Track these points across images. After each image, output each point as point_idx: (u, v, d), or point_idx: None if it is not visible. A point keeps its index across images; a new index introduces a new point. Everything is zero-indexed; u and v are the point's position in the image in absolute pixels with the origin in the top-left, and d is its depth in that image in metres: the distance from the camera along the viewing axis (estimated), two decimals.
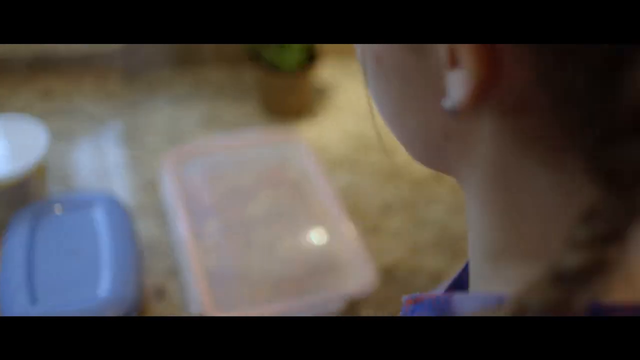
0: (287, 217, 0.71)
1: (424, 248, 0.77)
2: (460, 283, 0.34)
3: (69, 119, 0.92)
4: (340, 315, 0.63)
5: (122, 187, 0.82)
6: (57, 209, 0.67)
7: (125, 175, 0.84)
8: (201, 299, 0.60)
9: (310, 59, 0.92)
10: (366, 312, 0.69)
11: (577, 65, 0.19)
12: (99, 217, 0.67)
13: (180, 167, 0.75)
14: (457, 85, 0.22)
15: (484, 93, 0.21)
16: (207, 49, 1.05)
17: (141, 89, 1.00)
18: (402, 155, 0.91)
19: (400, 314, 0.32)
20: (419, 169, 0.89)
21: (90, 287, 0.60)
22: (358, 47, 0.29)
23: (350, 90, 1.05)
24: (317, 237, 0.69)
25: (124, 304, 0.59)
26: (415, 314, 0.28)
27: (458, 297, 0.26)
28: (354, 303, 0.68)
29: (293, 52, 0.87)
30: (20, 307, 0.57)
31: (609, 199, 0.20)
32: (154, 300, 0.69)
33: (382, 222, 0.80)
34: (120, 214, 0.68)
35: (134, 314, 0.60)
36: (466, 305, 0.25)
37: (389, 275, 0.72)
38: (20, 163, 0.68)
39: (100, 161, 0.86)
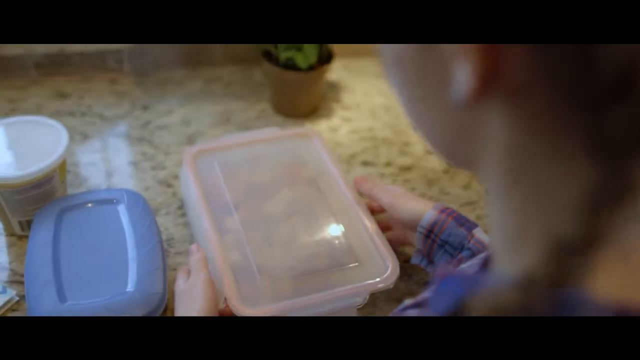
0: (306, 212, 0.71)
1: None
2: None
3: (81, 119, 0.93)
4: (360, 308, 0.63)
5: (136, 185, 0.82)
6: (80, 206, 0.68)
7: (139, 174, 0.84)
8: (227, 294, 0.61)
9: (326, 58, 0.93)
10: (388, 305, 0.70)
11: (563, 49, 0.21)
12: (122, 213, 0.68)
13: (199, 165, 0.75)
14: (463, 78, 0.24)
15: (487, 85, 0.23)
16: (217, 49, 1.06)
17: (152, 89, 1.01)
18: (413, 152, 0.93)
19: (430, 288, 0.33)
20: (431, 165, 0.90)
21: (118, 283, 0.60)
22: (380, 49, 0.31)
23: (358, 90, 1.06)
24: (337, 231, 0.69)
25: (152, 299, 0.59)
26: (446, 288, 0.30)
27: (482, 276, 0.28)
28: (375, 296, 0.69)
29: (311, 51, 0.88)
30: (49, 304, 0.57)
31: (605, 175, 0.21)
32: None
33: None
34: (142, 210, 0.68)
35: (162, 309, 0.60)
36: (487, 282, 0.26)
37: (408, 268, 0.72)
38: (43, 162, 0.68)
39: (113, 160, 0.86)
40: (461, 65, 0.24)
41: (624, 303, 0.22)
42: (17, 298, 0.66)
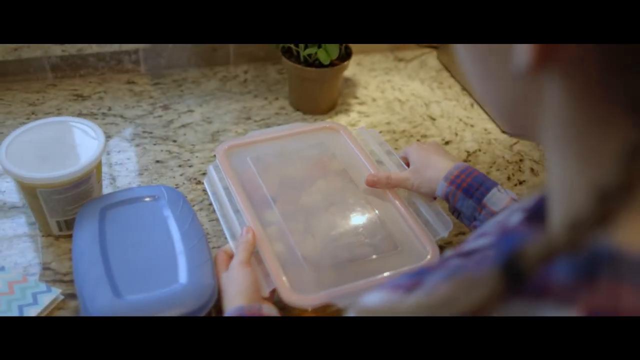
0: (343, 203, 0.73)
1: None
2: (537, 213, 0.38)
3: (103, 120, 0.93)
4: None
5: (166, 183, 0.83)
6: (122, 204, 0.69)
7: (167, 172, 0.85)
8: (276, 284, 0.62)
9: (345, 55, 0.95)
10: None
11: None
12: (164, 209, 0.69)
13: (232, 161, 0.77)
14: (523, 52, 0.27)
15: (545, 57, 0.26)
16: (230, 48, 1.07)
17: (170, 89, 1.01)
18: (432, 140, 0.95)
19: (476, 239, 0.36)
20: (449, 152, 0.93)
21: (170, 276, 0.61)
22: None
23: (372, 85, 1.08)
24: (374, 219, 0.71)
25: (205, 291, 0.60)
26: (505, 242, 0.32)
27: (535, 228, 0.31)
28: None
29: (332, 47, 0.89)
30: (104, 300, 0.58)
31: None
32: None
33: None
34: (184, 205, 0.69)
35: (214, 300, 0.61)
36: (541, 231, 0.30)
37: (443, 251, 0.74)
38: (81, 161, 0.69)
39: (140, 160, 0.87)
40: None
41: None
42: (62, 297, 0.67)
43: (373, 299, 0.40)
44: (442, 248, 0.74)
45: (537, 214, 0.37)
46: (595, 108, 0.27)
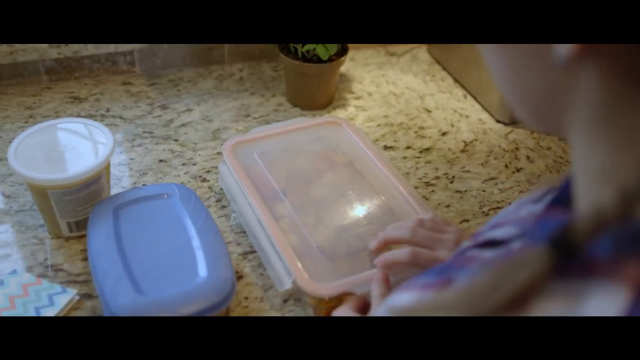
0: (352, 194, 0.74)
1: (473, 216, 0.82)
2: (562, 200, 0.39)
3: (102, 122, 0.93)
4: None
5: (172, 182, 0.83)
6: (134, 202, 0.69)
7: (171, 171, 0.85)
8: (295, 274, 0.63)
9: (342, 50, 0.96)
10: None
11: None
12: (177, 206, 0.69)
13: (239, 156, 0.77)
14: (563, 45, 0.28)
15: (584, 49, 0.27)
16: (224, 47, 1.07)
17: (166, 89, 1.01)
18: (429, 134, 0.97)
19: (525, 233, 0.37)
20: (448, 146, 0.95)
21: (189, 271, 0.62)
22: None
23: (367, 80, 1.09)
24: (384, 208, 0.73)
25: (225, 284, 0.61)
26: (538, 230, 0.33)
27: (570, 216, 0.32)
28: None
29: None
30: (126, 298, 0.58)
31: None
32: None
33: (429, 196, 0.85)
34: (196, 202, 0.70)
35: (234, 292, 0.62)
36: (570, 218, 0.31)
37: None
38: (93, 161, 0.69)
39: (143, 160, 0.87)
40: None
41: None
42: (77, 297, 0.67)
43: (404, 299, 0.40)
44: None
45: (561, 201, 0.38)
46: (629, 95, 0.28)
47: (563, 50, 0.28)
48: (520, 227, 0.41)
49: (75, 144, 0.71)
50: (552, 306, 0.28)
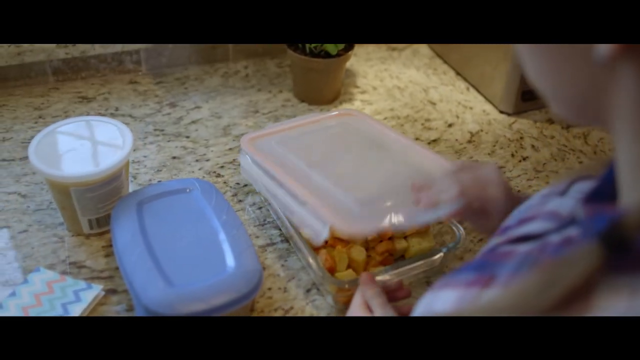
0: (378, 166, 0.74)
1: None
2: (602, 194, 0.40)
3: None
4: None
5: (184, 177, 0.84)
6: (156, 197, 0.70)
7: (186, 167, 0.86)
8: (331, 222, 0.63)
9: (349, 45, 0.97)
10: (453, 263, 0.75)
11: None
12: (199, 200, 0.70)
13: (258, 148, 0.77)
14: (603, 46, 0.29)
15: (623, 48, 0.29)
16: (229, 45, 1.08)
17: (173, 87, 1.02)
18: (435, 126, 0.99)
19: (579, 225, 0.38)
20: (454, 137, 0.97)
21: (217, 263, 0.63)
22: None
23: (370, 74, 1.11)
24: (412, 170, 0.74)
25: (254, 275, 0.62)
26: (595, 223, 0.34)
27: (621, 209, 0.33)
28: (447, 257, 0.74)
29: None
30: (157, 290, 0.59)
31: None
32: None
33: None
34: (217, 196, 0.71)
35: (261, 283, 0.63)
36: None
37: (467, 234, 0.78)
38: (114, 158, 0.69)
39: (157, 157, 0.87)
40: None
41: None
42: (103, 293, 0.67)
43: (446, 298, 0.40)
44: None
45: (601, 194, 0.39)
46: None
47: (603, 50, 0.29)
48: (553, 222, 0.41)
49: (94, 142, 0.72)
50: (619, 302, 0.29)
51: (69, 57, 0.97)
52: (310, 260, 0.67)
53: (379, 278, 0.65)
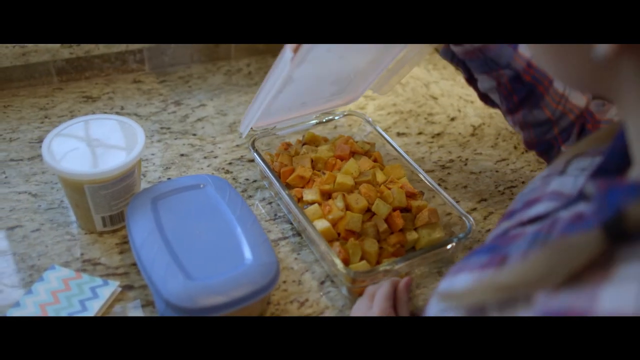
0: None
1: (490, 195, 0.86)
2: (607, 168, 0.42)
3: None
4: None
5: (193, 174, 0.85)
6: (170, 194, 0.70)
7: (194, 164, 0.86)
8: None
9: None
10: (463, 253, 0.76)
11: None
12: (213, 195, 0.71)
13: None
14: (602, 46, 0.31)
15: (620, 49, 0.30)
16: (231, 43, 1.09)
17: (177, 85, 1.02)
18: (438, 120, 1.00)
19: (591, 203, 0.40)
20: (458, 130, 0.98)
21: (235, 256, 0.63)
22: None
23: None
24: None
25: (271, 267, 0.63)
26: (610, 198, 0.36)
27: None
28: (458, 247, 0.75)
29: None
30: (177, 284, 0.60)
31: None
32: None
33: (446, 178, 0.88)
34: (231, 191, 0.72)
35: (279, 275, 0.64)
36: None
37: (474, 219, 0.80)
38: (128, 155, 0.70)
39: (165, 155, 0.88)
40: None
41: None
42: (120, 289, 0.68)
43: (462, 281, 0.42)
44: None
45: (607, 170, 0.40)
46: None
47: (601, 49, 0.31)
48: (558, 201, 0.43)
49: (105, 139, 0.72)
50: (631, 290, 0.29)
51: (73, 57, 0.97)
52: (326, 252, 0.68)
53: (390, 268, 0.67)
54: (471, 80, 0.74)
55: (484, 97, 0.74)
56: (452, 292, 0.40)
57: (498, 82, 0.68)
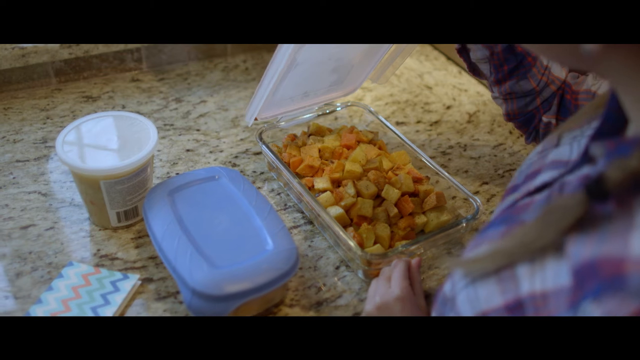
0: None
1: (491, 178, 0.89)
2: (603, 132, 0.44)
3: None
4: None
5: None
6: (186, 186, 0.71)
7: (201, 159, 0.87)
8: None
9: None
10: (470, 235, 0.79)
11: None
12: (228, 186, 0.72)
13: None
14: (589, 45, 0.34)
15: (605, 48, 0.33)
16: None
17: (176, 83, 1.03)
18: (435, 109, 1.02)
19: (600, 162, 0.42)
20: (454, 118, 1.01)
21: (256, 244, 0.65)
22: None
23: None
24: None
25: (291, 253, 0.65)
26: (619, 151, 0.38)
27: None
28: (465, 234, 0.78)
29: None
30: (203, 273, 0.61)
31: None
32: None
33: (447, 163, 0.91)
34: (245, 181, 0.73)
35: (299, 261, 0.66)
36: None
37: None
38: (142, 150, 0.70)
39: (171, 150, 0.88)
40: None
41: None
42: (140, 282, 0.69)
43: (481, 249, 0.44)
44: None
45: (604, 132, 0.43)
46: None
47: (589, 48, 0.33)
48: (559, 168, 0.45)
49: (118, 135, 0.73)
50: (614, 240, 0.32)
51: (72, 57, 0.97)
52: (342, 237, 0.70)
53: (405, 249, 0.69)
54: (462, 51, 0.77)
55: (473, 68, 0.77)
56: (477, 257, 0.42)
57: (491, 52, 0.72)
